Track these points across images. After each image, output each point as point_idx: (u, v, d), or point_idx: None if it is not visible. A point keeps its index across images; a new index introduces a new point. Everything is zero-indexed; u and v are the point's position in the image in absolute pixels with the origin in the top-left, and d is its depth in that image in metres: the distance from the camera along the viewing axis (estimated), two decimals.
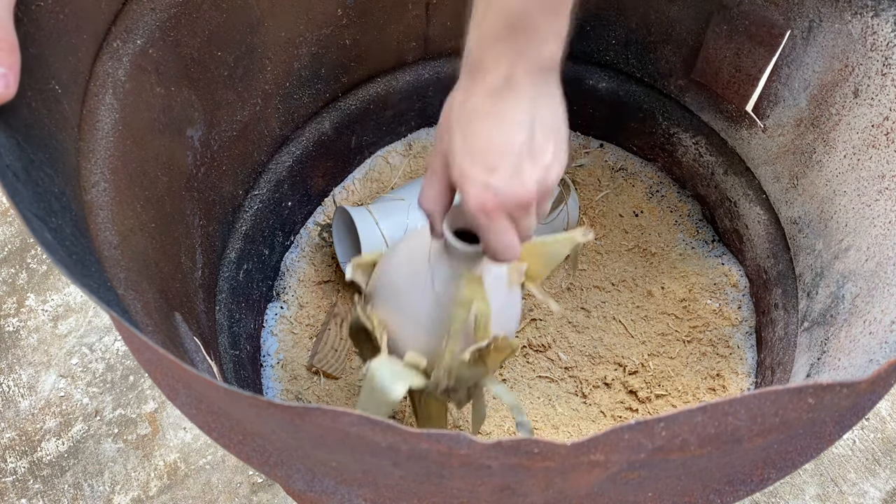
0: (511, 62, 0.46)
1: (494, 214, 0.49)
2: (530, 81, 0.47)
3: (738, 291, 1.01)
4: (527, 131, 0.47)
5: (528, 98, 0.47)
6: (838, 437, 0.53)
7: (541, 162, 0.49)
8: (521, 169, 0.48)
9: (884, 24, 0.70)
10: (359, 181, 1.11)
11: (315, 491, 0.52)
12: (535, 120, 0.48)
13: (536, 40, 0.47)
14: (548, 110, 0.48)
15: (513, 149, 0.47)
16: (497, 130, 0.47)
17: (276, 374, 0.97)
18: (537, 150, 0.48)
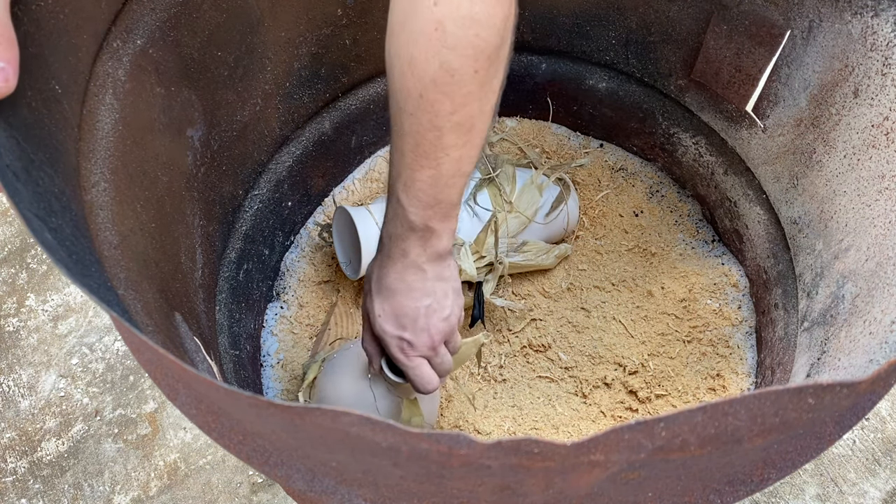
0: (416, 253, 0.62)
1: (411, 358, 0.66)
2: (430, 265, 0.63)
3: (738, 291, 1.01)
4: (429, 299, 0.64)
5: (429, 276, 0.63)
6: (838, 437, 0.53)
7: (441, 314, 0.65)
8: (426, 324, 0.64)
9: (884, 24, 0.70)
10: (359, 181, 1.11)
11: (315, 491, 0.52)
12: (436, 289, 0.64)
13: (433, 239, 0.62)
14: (443, 281, 0.64)
15: (418, 312, 0.64)
16: (406, 300, 0.64)
17: (275, 373, 0.97)
18: (437, 308, 0.65)
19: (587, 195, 1.10)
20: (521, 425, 0.94)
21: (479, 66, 0.52)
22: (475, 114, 0.55)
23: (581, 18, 1.00)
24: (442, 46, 0.51)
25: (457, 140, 0.56)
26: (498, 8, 0.51)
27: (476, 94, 0.54)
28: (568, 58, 1.06)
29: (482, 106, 0.55)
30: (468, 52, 0.51)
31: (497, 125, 1.15)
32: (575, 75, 1.07)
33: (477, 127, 0.56)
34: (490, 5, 0.50)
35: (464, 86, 0.53)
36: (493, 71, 0.54)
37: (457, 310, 0.67)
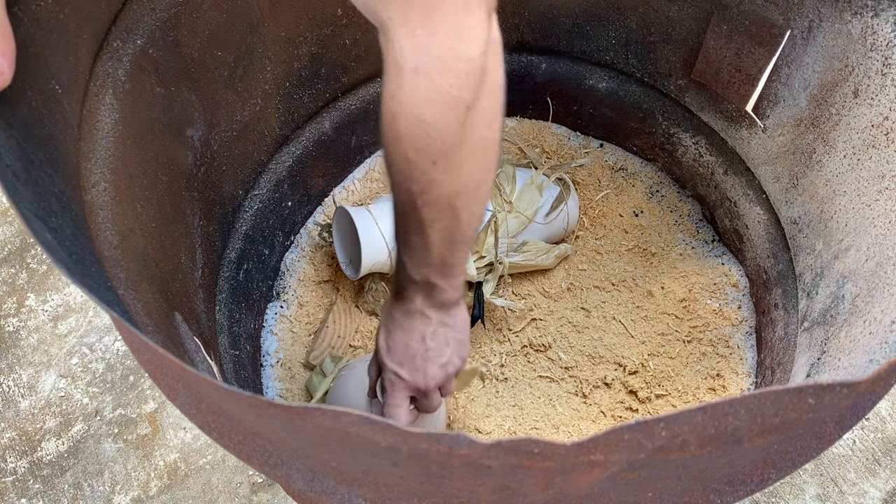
0: (420, 301, 0.64)
1: (394, 395, 0.68)
2: (434, 312, 0.65)
3: (738, 291, 1.01)
4: (431, 342, 0.66)
5: (433, 322, 0.65)
6: (838, 437, 0.53)
7: (438, 361, 0.66)
8: (422, 367, 0.66)
9: (884, 24, 0.70)
10: (359, 181, 1.11)
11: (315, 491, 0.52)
12: (437, 335, 0.66)
13: (437, 291, 0.63)
14: (447, 329, 0.66)
15: (416, 353, 0.66)
16: (407, 339, 0.66)
17: (275, 373, 0.97)
18: (436, 355, 0.66)
19: (587, 195, 1.10)
20: (521, 425, 0.94)
21: (437, 159, 0.52)
22: (450, 195, 0.54)
23: (581, 18, 1.00)
24: (396, 138, 0.51)
25: (435, 215, 0.55)
26: (449, 114, 0.50)
27: (442, 180, 0.53)
28: (568, 58, 1.06)
29: (455, 189, 0.54)
30: (421, 146, 0.51)
31: None
32: (575, 75, 1.07)
33: (457, 206, 0.55)
34: (441, 110, 0.49)
35: (424, 173, 0.52)
36: (457, 161, 0.53)
37: (456, 359, 0.68)
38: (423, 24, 0.46)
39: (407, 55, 0.47)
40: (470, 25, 0.47)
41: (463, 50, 0.48)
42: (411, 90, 0.49)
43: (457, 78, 0.48)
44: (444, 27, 0.46)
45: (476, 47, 0.48)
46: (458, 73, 0.48)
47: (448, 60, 0.47)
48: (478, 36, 0.48)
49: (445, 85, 0.48)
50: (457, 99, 0.49)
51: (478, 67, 0.49)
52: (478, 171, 0.55)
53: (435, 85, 0.48)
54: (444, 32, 0.47)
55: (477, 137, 0.52)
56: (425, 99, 0.49)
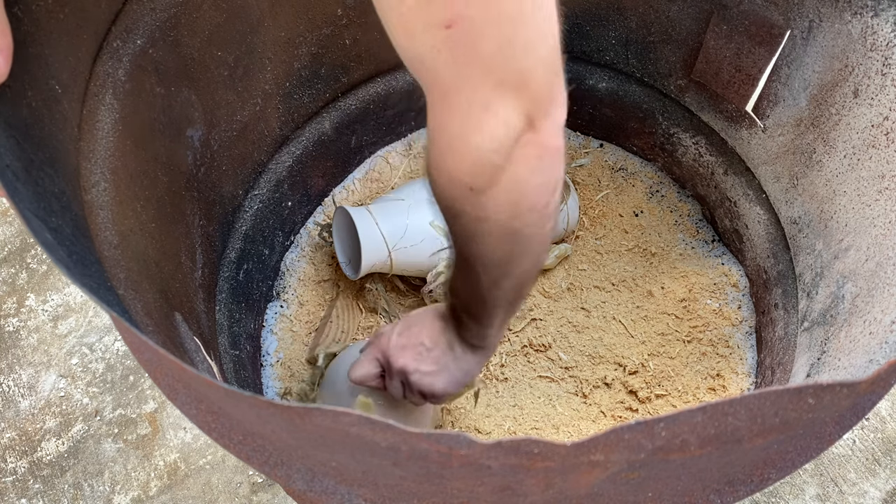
0: (454, 323, 0.68)
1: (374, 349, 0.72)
2: (456, 337, 0.68)
3: (738, 291, 1.01)
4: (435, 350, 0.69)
5: (446, 339, 0.68)
6: (838, 437, 0.53)
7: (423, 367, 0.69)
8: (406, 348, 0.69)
9: (884, 24, 0.70)
10: (359, 181, 1.11)
11: (315, 491, 0.52)
12: (443, 353, 0.69)
13: (466, 332, 0.67)
14: (452, 357, 0.69)
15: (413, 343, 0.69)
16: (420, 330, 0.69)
17: (275, 372, 0.97)
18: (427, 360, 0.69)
19: (587, 195, 1.10)
20: (521, 425, 0.94)
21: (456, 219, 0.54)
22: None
23: (581, 18, 1.00)
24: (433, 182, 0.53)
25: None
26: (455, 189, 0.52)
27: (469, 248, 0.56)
28: (568, 58, 1.05)
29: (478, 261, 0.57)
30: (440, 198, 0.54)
31: None
32: (575, 75, 1.07)
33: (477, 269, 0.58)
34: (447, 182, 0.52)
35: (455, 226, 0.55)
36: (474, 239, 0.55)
37: (437, 384, 0.70)
38: (443, 106, 0.49)
39: (430, 124, 0.50)
40: (483, 121, 0.48)
41: (471, 140, 0.49)
42: (429, 154, 0.52)
43: (459, 162, 0.50)
44: (458, 115, 0.48)
45: (487, 143, 0.49)
46: (460, 158, 0.50)
47: (454, 144, 0.50)
48: (491, 133, 0.49)
49: (449, 164, 0.51)
50: (458, 180, 0.51)
51: (486, 160, 0.50)
52: (503, 256, 0.56)
53: (442, 159, 0.51)
54: (457, 120, 0.49)
55: (494, 222, 0.53)
56: (435, 169, 0.52)
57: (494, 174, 0.50)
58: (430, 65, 0.46)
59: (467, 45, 0.44)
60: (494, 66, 0.46)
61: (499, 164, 0.50)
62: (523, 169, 0.51)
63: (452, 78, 0.46)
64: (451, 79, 0.46)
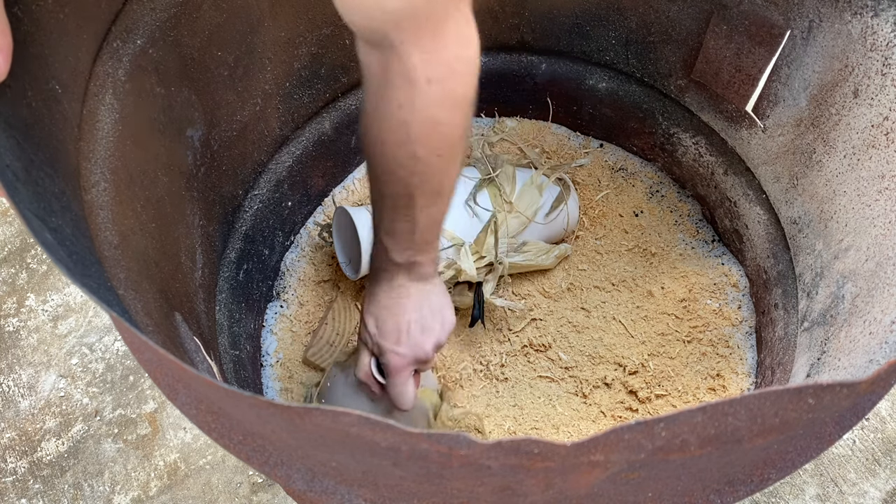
0: (403, 278, 0.69)
1: (404, 370, 0.72)
2: (415, 286, 0.70)
3: (738, 291, 1.01)
4: (416, 314, 0.70)
5: (414, 296, 0.70)
6: (838, 438, 0.53)
7: (431, 332, 0.71)
8: (418, 339, 0.70)
9: (884, 24, 0.70)
10: (359, 181, 1.11)
11: (315, 491, 0.52)
12: (422, 307, 0.70)
13: (418, 267, 0.68)
14: (431, 300, 0.71)
15: (406, 327, 0.70)
16: (396, 319, 0.70)
17: (275, 372, 0.97)
18: (427, 325, 0.71)
19: (587, 195, 1.10)
20: (521, 425, 0.94)
21: (443, 152, 0.59)
22: (442, 181, 0.62)
23: (581, 18, 1.00)
24: (406, 140, 0.57)
25: (427, 202, 0.62)
26: (458, 111, 0.57)
27: (442, 169, 0.60)
28: (568, 58, 1.06)
29: (448, 175, 0.62)
30: (430, 144, 0.57)
31: (497, 125, 1.15)
32: (575, 75, 1.07)
33: (445, 188, 0.63)
34: (450, 109, 0.56)
35: (429, 166, 0.59)
36: (456, 151, 0.60)
37: (447, 326, 0.73)
38: (434, 40, 0.53)
39: (419, 69, 0.54)
40: (469, 33, 0.54)
41: (466, 55, 0.55)
42: (425, 98, 0.55)
43: (463, 79, 0.55)
44: (450, 40, 0.53)
45: (475, 49, 0.55)
46: (464, 76, 0.55)
47: (455, 67, 0.54)
48: (475, 39, 0.55)
49: (456, 87, 0.55)
50: (463, 97, 0.56)
51: (477, 65, 0.56)
52: (463, 151, 0.61)
53: (446, 89, 0.55)
54: (452, 44, 0.53)
55: (469, 123, 0.59)
56: (438, 103, 0.55)
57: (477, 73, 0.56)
58: (409, 12, 0.50)
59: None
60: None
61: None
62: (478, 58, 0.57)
63: (442, 6, 0.51)
64: (441, 7, 0.51)
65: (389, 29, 0.52)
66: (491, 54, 1.06)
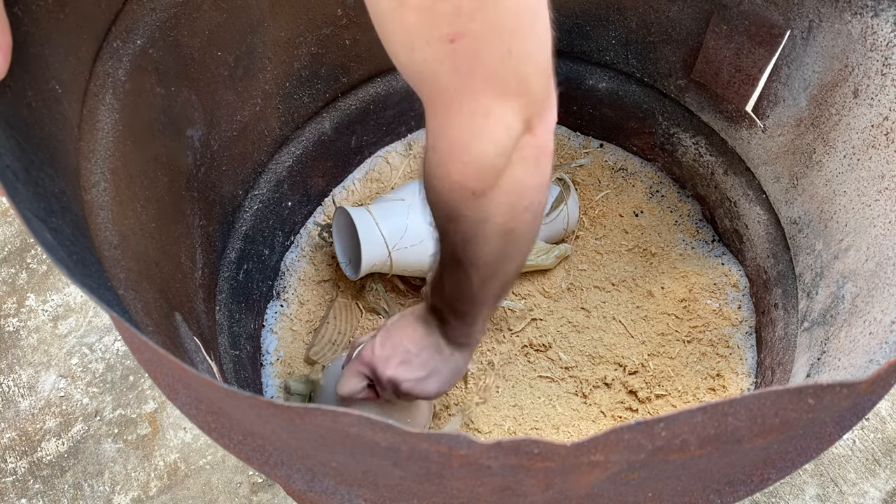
0: (436, 322, 0.69)
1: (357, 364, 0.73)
2: (440, 336, 0.70)
3: (738, 291, 1.01)
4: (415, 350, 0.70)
5: (432, 341, 0.70)
6: (838, 438, 0.53)
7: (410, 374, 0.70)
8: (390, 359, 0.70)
9: (884, 24, 0.70)
10: (359, 181, 1.11)
11: (315, 491, 0.52)
12: (430, 356, 0.70)
13: (454, 333, 0.68)
14: (440, 358, 0.70)
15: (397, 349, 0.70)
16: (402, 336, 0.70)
17: (275, 371, 0.97)
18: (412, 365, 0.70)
19: (587, 195, 1.10)
20: (521, 425, 0.94)
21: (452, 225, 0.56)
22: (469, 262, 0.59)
23: (581, 18, 1.00)
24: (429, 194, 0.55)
25: (453, 273, 0.60)
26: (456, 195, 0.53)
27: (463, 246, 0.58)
28: (568, 58, 1.06)
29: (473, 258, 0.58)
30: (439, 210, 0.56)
31: None
32: (575, 75, 1.07)
33: (470, 273, 0.59)
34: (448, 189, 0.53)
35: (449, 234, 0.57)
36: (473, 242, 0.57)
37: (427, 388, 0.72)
38: (445, 114, 0.50)
39: (430, 131, 0.52)
40: (486, 127, 0.49)
41: (474, 146, 0.50)
42: (428, 161, 0.53)
43: (463, 167, 0.51)
44: (460, 123, 0.50)
45: (490, 147, 0.50)
46: (464, 164, 0.51)
47: (456, 151, 0.51)
48: (494, 138, 0.50)
49: (451, 170, 0.52)
50: (460, 185, 0.52)
51: (488, 164, 0.51)
52: (497, 255, 0.58)
53: (443, 165, 0.52)
54: (459, 127, 0.50)
55: (493, 224, 0.55)
56: (434, 176, 0.53)
57: (496, 177, 0.51)
58: (430, 77, 0.47)
59: (470, 58, 0.45)
60: (496, 75, 0.46)
61: (500, 168, 0.51)
62: (522, 171, 0.52)
63: (455, 88, 0.47)
64: (453, 89, 0.47)
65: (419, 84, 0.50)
66: None
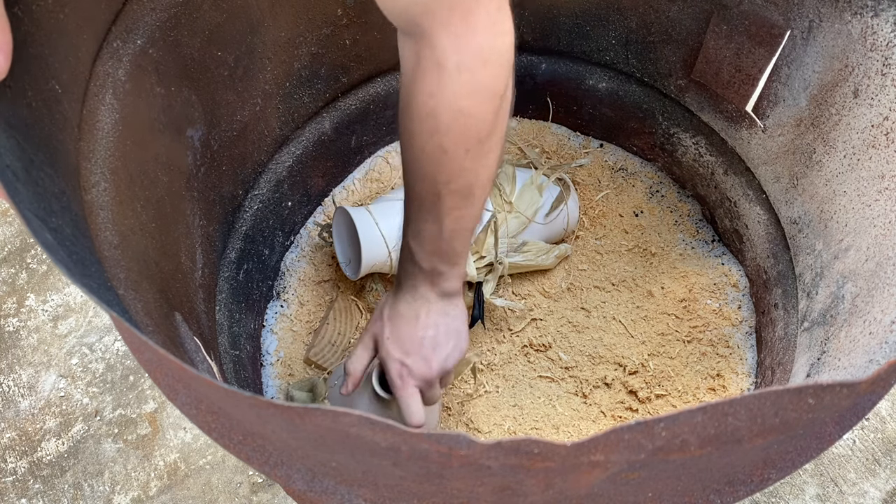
0: (425, 289, 0.67)
1: (407, 382, 0.69)
2: (438, 301, 0.68)
3: (738, 291, 1.01)
4: (433, 331, 0.68)
5: (434, 310, 0.68)
6: (838, 438, 0.53)
7: (442, 352, 0.69)
8: (428, 356, 0.68)
9: (884, 24, 0.70)
10: (359, 181, 1.11)
11: (315, 491, 0.52)
12: (440, 324, 0.68)
13: (440, 279, 0.67)
14: (449, 318, 0.69)
15: (422, 341, 0.68)
16: (412, 328, 0.68)
17: (275, 371, 0.97)
18: (440, 344, 0.69)
19: (587, 195, 1.10)
20: (521, 425, 0.94)
21: (470, 147, 0.57)
22: (472, 182, 0.60)
23: (581, 18, 1.00)
24: (435, 131, 0.56)
25: (455, 203, 0.61)
26: (488, 104, 0.55)
27: (470, 168, 0.59)
28: (568, 58, 1.06)
29: (478, 176, 0.60)
30: (459, 137, 0.56)
31: None
32: (575, 75, 1.07)
33: (475, 193, 0.61)
34: (479, 101, 0.55)
35: (456, 161, 0.58)
36: (485, 149, 0.58)
37: (456, 353, 0.71)
38: (465, 25, 0.51)
39: (449, 54, 0.53)
40: (503, 22, 0.53)
41: (500, 45, 0.53)
42: (454, 86, 0.54)
43: (495, 71, 0.53)
44: (482, 26, 0.52)
45: (509, 41, 0.53)
46: (496, 67, 0.53)
47: (488, 56, 0.53)
48: (510, 30, 0.53)
49: (486, 78, 0.53)
50: (493, 90, 0.54)
51: (510, 59, 0.54)
52: (497, 159, 0.60)
53: (476, 79, 0.53)
54: (483, 31, 0.52)
55: (503, 125, 0.58)
56: (467, 93, 0.54)
57: (510, 67, 0.55)
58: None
59: None
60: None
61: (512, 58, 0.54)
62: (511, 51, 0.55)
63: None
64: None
65: (419, 13, 0.51)
66: None
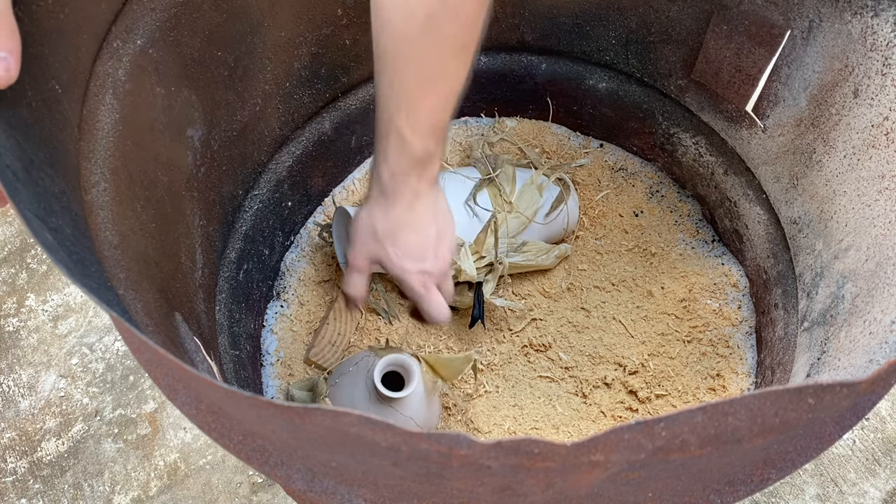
0: (416, 181, 0.67)
1: (430, 287, 0.70)
2: (429, 190, 0.68)
3: (738, 291, 1.01)
4: (434, 225, 0.69)
5: (430, 203, 0.68)
6: (838, 438, 0.53)
7: (447, 240, 0.71)
8: (440, 252, 0.70)
9: (884, 24, 0.70)
10: (359, 181, 1.11)
11: (315, 491, 0.52)
12: (437, 215, 0.69)
13: (430, 164, 0.67)
14: (440, 202, 0.70)
15: (430, 241, 0.69)
16: (418, 234, 0.68)
17: (275, 371, 0.97)
18: (443, 234, 0.70)
19: (587, 195, 1.10)
20: (521, 425, 0.94)
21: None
22: (476, 34, 0.60)
23: (581, 18, 1.00)
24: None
25: (456, 62, 0.61)
26: None
27: (478, 13, 0.59)
28: (568, 58, 1.06)
29: (480, 25, 0.60)
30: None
31: (497, 125, 1.15)
32: (575, 75, 1.07)
33: (472, 48, 0.61)
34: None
35: (470, 4, 0.58)
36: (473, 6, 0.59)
37: (453, 233, 0.73)
38: None
39: None
40: None
41: None
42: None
43: None
44: None
45: None
46: None
47: None
48: None
49: None
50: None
51: None
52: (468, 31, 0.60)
53: None
54: None
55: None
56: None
57: None
58: None
59: None
60: None
61: None
62: None
63: None
64: None
65: None
66: (491, 54, 1.06)
